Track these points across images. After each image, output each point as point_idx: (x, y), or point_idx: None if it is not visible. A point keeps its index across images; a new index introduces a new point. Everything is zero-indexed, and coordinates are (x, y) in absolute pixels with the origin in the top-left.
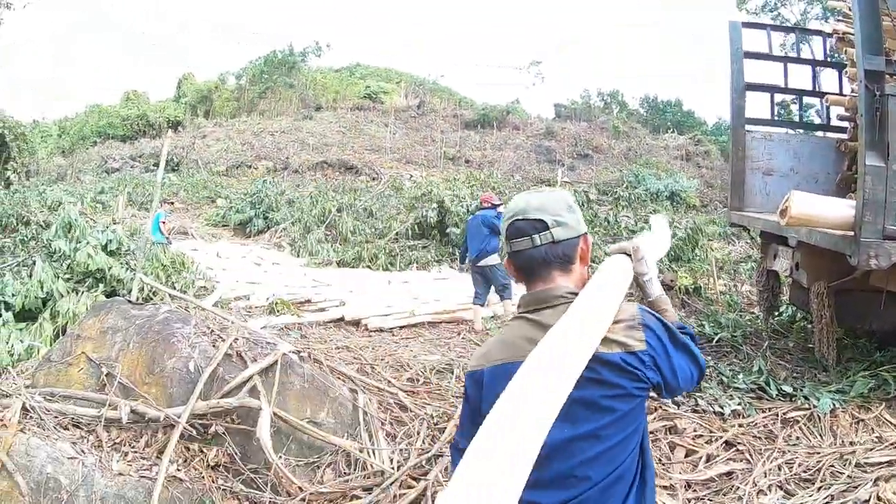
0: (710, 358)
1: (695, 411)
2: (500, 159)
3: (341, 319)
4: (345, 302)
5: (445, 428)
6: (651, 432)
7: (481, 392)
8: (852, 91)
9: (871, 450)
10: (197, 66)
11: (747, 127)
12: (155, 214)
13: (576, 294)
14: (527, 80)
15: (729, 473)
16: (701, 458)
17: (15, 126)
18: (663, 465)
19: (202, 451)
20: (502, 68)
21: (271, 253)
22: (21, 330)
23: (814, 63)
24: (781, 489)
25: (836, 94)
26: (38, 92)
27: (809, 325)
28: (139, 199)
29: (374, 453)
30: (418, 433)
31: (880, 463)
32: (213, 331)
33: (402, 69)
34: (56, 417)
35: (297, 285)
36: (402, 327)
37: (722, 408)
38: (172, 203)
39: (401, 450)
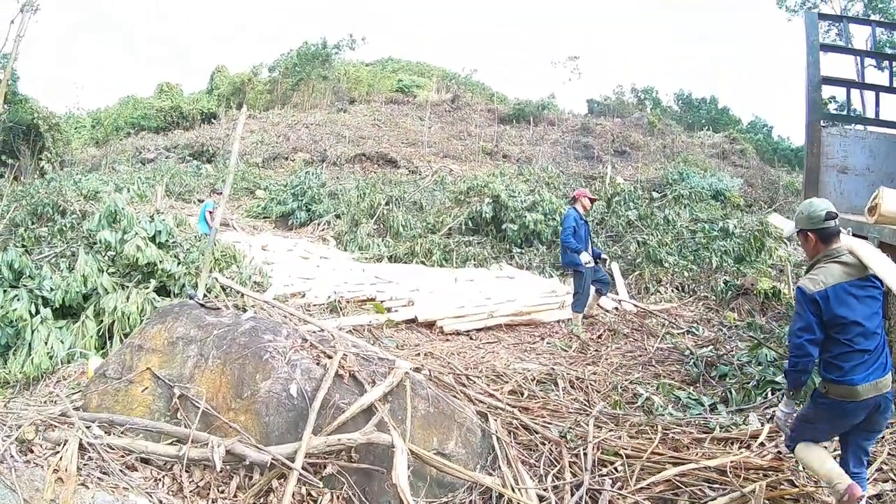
0: None
1: None
2: (538, 154)
3: (413, 321)
4: (413, 301)
5: (586, 454)
6: None
7: (826, 305)
8: None
9: None
10: (198, 67)
11: (822, 122)
12: (203, 204)
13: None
14: (563, 76)
15: (878, 496)
16: None
17: (49, 116)
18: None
19: (311, 497)
20: (537, 63)
21: (317, 246)
22: (61, 329)
23: (891, 58)
24: None
25: None
26: (45, 93)
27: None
28: (176, 190)
29: (519, 490)
30: (557, 461)
31: None
32: (310, 343)
33: (434, 63)
34: (122, 456)
35: (355, 282)
36: (478, 330)
37: None
38: (220, 194)
39: (552, 487)
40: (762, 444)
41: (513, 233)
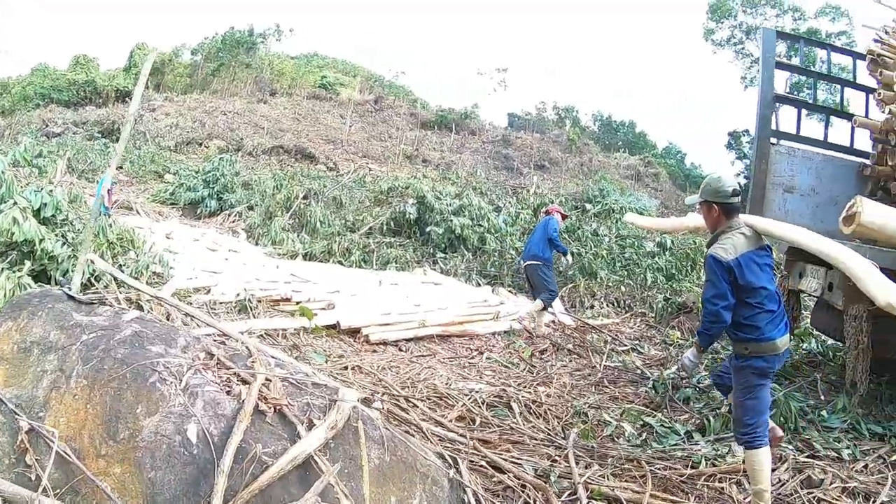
0: (777, 387)
1: (815, 456)
2: (458, 161)
3: (334, 326)
4: (333, 304)
5: (578, 499)
6: (791, 494)
7: (740, 271)
8: (890, 113)
9: None
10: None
11: (772, 139)
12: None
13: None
14: (488, 86)
15: None
16: None
17: None
18: None
19: None
20: (464, 72)
21: (227, 238)
22: None
23: (843, 83)
24: None
25: (864, 118)
26: None
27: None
28: (80, 167)
29: None
30: None
31: None
32: (217, 360)
33: (359, 63)
34: None
35: (268, 279)
36: (408, 340)
37: (839, 452)
38: (121, 167)
39: None
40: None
41: (437, 236)
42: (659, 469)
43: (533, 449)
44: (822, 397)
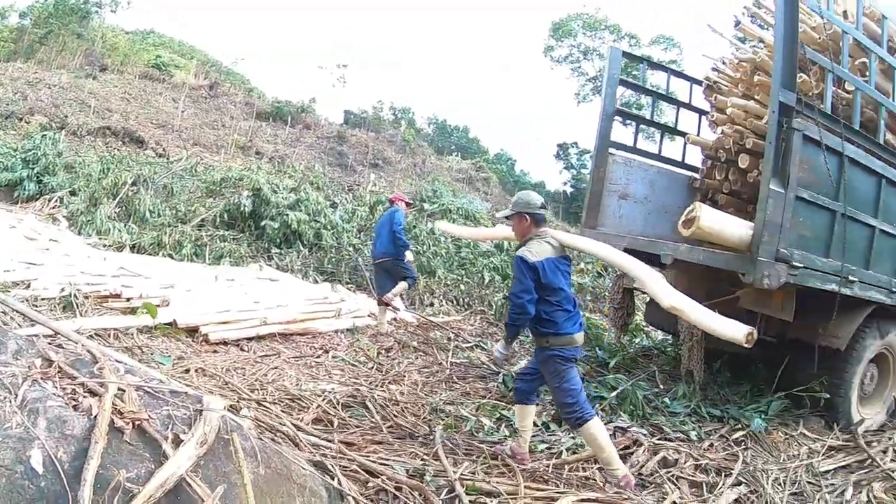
0: (623, 378)
1: (667, 439)
2: (292, 155)
3: (170, 325)
4: (167, 300)
5: (454, 494)
6: (651, 474)
7: (544, 272)
8: (722, 133)
9: (819, 460)
10: None
11: (610, 150)
12: None
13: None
14: (328, 81)
15: (738, 499)
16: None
17: None
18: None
19: None
20: (303, 64)
21: (47, 226)
22: None
23: (679, 104)
24: None
25: (697, 136)
26: None
27: (668, 346)
28: None
29: None
30: None
31: (835, 470)
32: (58, 368)
33: (197, 45)
34: None
35: (95, 272)
36: (249, 339)
37: (687, 434)
38: None
39: None
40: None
41: (273, 231)
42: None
43: (399, 448)
44: (662, 386)
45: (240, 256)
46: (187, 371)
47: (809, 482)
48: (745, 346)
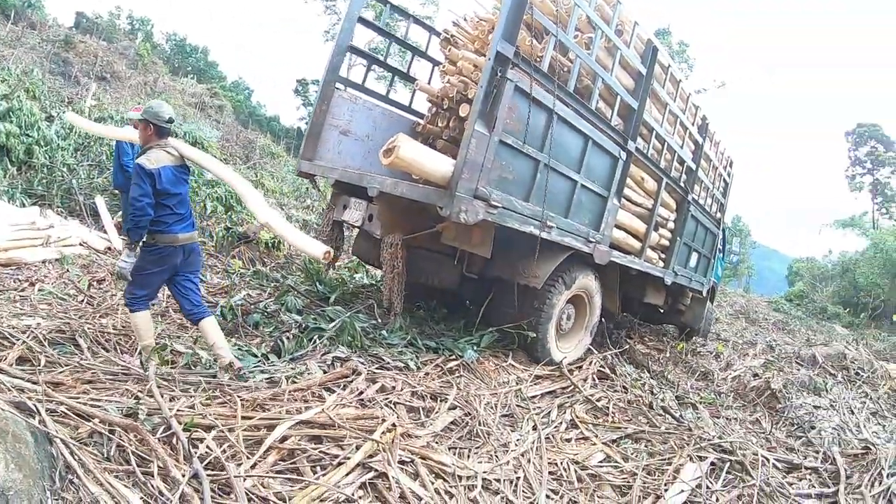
0: (342, 311)
1: (386, 368)
2: (10, 58)
3: None
4: None
5: (175, 434)
6: (370, 400)
7: (159, 179)
8: (448, 83)
9: (527, 387)
10: None
11: (337, 85)
12: None
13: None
14: None
15: (454, 422)
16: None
17: None
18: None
19: None
20: None
21: None
22: None
23: (414, 51)
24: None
25: (426, 84)
26: None
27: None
28: None
29: None
30: (146, 455)
31: (541, 395)
32: None
33: None
34: None
35: None
36: None
37: (406, 363)
38: None
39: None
40: (329, 389)
41: None
42: (244, 392)
43: (111, 387)
44: (379, 320)
45: None
46: None
47: (518, 405)
48: (323, 261)
